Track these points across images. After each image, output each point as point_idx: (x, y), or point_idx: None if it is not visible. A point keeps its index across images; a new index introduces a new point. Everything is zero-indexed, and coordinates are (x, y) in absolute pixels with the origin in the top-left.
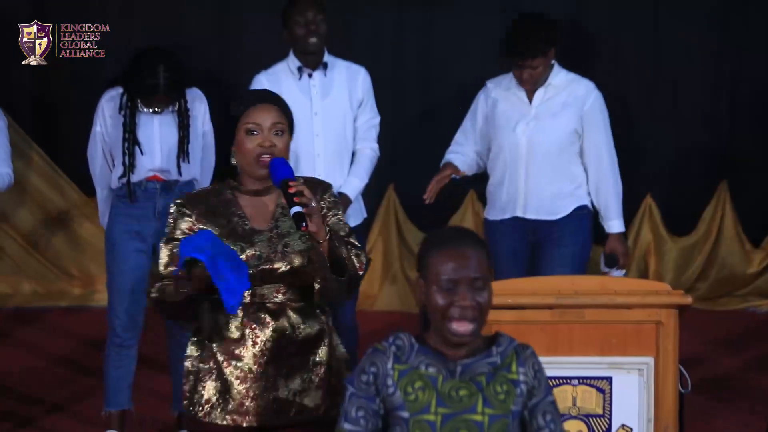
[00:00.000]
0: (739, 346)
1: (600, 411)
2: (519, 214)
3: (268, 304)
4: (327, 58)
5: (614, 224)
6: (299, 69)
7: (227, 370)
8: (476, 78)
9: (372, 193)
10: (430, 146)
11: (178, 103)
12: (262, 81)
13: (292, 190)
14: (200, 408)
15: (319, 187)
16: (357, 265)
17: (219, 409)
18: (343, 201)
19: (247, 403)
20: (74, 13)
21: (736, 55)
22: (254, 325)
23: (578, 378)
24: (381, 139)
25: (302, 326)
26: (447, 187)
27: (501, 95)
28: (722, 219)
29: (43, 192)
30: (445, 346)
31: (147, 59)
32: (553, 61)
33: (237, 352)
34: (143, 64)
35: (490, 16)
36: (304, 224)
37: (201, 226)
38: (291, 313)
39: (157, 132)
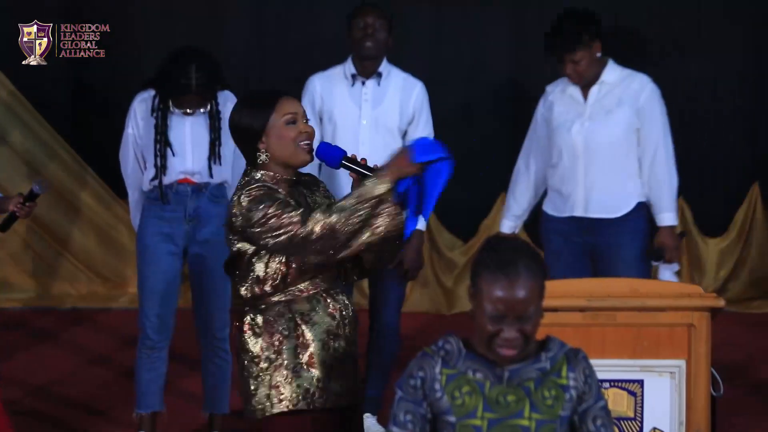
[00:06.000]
0: None
1: (631, 414)
2: (578, 214)
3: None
4: (384, 67)
5: (665, 217)
6: (353, 76)
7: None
8: (511, 78)
9: None
10: (463, 148)
11: (209, 105)
12: (315, 83)
13: (363, 162)
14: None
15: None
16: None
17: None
18: None
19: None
20: (74, 13)
21: (762, 58)
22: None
23: (610, 381)
24: None
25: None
26: (479, 190)
27: (557, 97)
28: (754, 221)
29: (75, 193)
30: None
31: (180, 58)
32: (608, 59)
33: None
34: (175, 63)
35: (527, 15)
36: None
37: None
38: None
39: (188, 134)
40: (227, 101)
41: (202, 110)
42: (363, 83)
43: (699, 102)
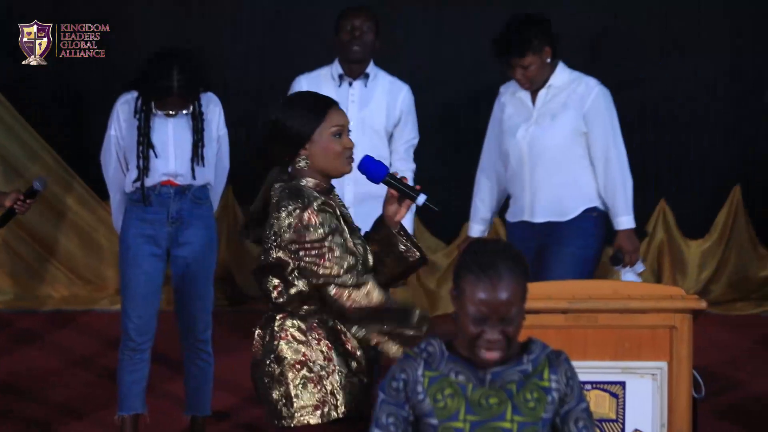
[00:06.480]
0: (754, 352)
1: (613, 416)
2: (526, 218)
3: None
4: (371, 69)
5: (621, 221)
6: (340, 77)
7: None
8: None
9: None
10: (445, 151)
11: (192, 107)
12: (302, 83)
13: (406, 180)
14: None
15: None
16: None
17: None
18: None
19: None
20: (74, 13)
21: (752, 60)
22: None
23: (591, 383)
24: None
25: None
26: (459, 194)
27: (508, 100)
28: (735, 223)
29: (57, 196)
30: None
31: (161, 60)
32: (559, 62)
33: None
34: (157, 66)
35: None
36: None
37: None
38: None
39: (171, 135)
40: (210, 103)
41: (184, 112)
42: (350, 84)
43: (681, 105)
